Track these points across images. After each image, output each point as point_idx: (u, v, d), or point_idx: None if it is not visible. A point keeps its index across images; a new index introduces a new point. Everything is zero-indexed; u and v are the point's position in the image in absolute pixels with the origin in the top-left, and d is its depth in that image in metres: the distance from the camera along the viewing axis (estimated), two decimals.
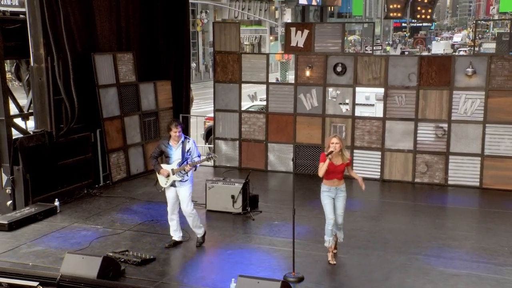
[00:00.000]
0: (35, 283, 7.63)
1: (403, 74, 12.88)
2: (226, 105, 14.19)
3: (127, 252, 8.73)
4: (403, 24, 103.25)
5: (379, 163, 13.20)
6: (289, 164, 13.90)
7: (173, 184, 8.98)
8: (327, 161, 8.15)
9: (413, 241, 9.35)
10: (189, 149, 8.94)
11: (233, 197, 10.75)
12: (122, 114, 13.16)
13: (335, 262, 8.43)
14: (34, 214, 10.38)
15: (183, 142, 8.95)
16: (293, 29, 13.70)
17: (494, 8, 70.05)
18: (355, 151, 13.27)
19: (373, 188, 12.74)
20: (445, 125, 12.68)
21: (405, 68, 12.85)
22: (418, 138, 12.89)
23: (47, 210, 10.65)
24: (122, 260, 8.41)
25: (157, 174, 9.06)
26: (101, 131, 12.67)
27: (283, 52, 39.16)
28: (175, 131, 8.83)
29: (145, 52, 14.11)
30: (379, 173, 13.23)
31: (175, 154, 8.92)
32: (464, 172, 12.63)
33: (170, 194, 9.06)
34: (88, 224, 10.23)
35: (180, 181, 8.94)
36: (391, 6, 13.57)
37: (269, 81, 14.06)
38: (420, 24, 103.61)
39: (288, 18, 41.94)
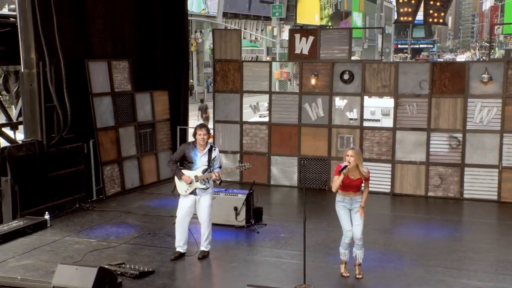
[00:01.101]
0: None
1: (414, 82, 12.74)
2: (227, 116, 14.00)
3: (123, 265, 8.44)
4: (402, 46, 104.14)
5: (389, 176, 12.99)
6: (293, 178, 13.67)
7: (193, 192, 8.76)
8: (341, 176, 7.89)
9: (430, 254, 9.11)
10: (215, 157, 8.78)
11: (236, 209, 10.49)
12: (117, 125, 12.96)
13: (348, 275, 8.14)
14: (22, 227, 10.08)
15: (209, 149, 8.76)
16: (297, 36, 13.59)
17: (498, 28, 70.76)
18: (364, 163, 12.95)
19: (384, 202, 12.51)
20: (459, 135, 12.51)
21: (416, 75, 12.72)
22: (431, 149, 12.70)
23: (37, 224, 10.36)
24: (119, 272, 8.13)
25: (177, 180, 8.81)
26: (94, 142, 12.44)
27: (281, 70, 39.17)
28: (200, 133, 8.64)
29: (141, 61, 13.96)
30: (389, 187, 13.01)
31: (201, 160, 8.71)
32: (480, 185, 12.42)
33: (187, 202, 8.80)
34: (81, 238, 9.94)
35: (203, 189, 8.72)
36: (401, 10, 13.52)
37: (272, 91, 13.90)
38: (421, 46, 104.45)
39: (287, 35, 42.05)
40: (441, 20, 13.02)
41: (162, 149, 14.25)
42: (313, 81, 13.39)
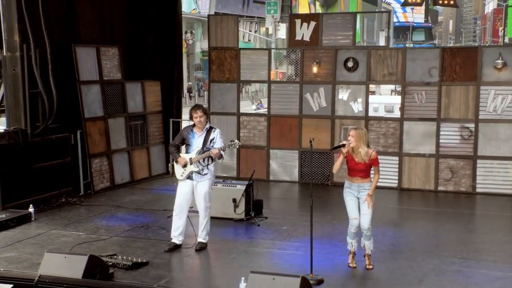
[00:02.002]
0: (8, 286, 7.07)
1: (423, 69, 12.61)
2: (223, 107, 13.81)
3: (115, 256, 8.21)
4: None
5: (397, 170, 12.83)
6: (294, 173, 13.48)
7: (190, 177, 8.58)
8: (341, 158, 7.73)
9: (444, 245, 8.96)
10: (213, 138, 8.59)
11: (234, 200, 10.27)
12: (106, 115, 12.75)
13: (355, 265, 7.95)
14: (5, 220, 9.81)
15: (208, 130, 8.60)
16: (298, 21, 13.46)
17: (502, 30, 71.25)
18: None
19: (391, 196, 12.33)
20: (471, 125, 12.37)
21: (425, 62, 12.59)
22: (441, 141, 12.56)
23: (21, 217, 10.10)
24: (110, 264, 7.88)
25: (175, 164, 8.71)
26: (82, 132, 12.23)
27: (277, 70, 39.03)
28: (196, 116, 8.48)
29: (131, 48, 13.77)
30: (396, 181, 12.85)
31: (197, 142, 8.56)
32: (494, 178, 12.28)
33: (184, 187, 8.62)
34: (68, 231, 9.70)
35: (199, 173, 8.56)
36: None
37: (271, 80, 13.75)
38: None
39: (282, 34, 41.87)
40: (451, 2, 12.89)
41: (154, 143, 14.04)
42: (315, 69, 13.25)
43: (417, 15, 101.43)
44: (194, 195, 8.68)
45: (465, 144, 12.43)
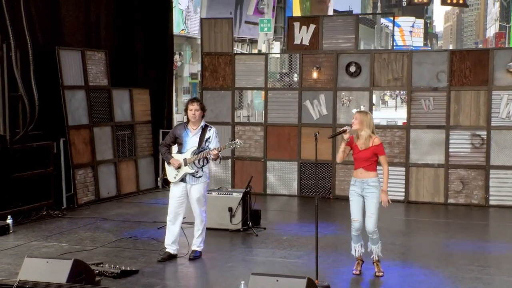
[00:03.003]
0: None
1: (430, 73, 12.52)
2: (216, 116, 13.62)
3: (102, 264, 7.92)
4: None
5: (403, 182, 12.66)
6: (292, 186, 13.27)
7: (183, 179, 8.34)
8: (342, 144, 7.52)
9: (459, 254, 8.75)
10: (209, 138, 8.36)
11: (230, 210, 10.03)
12: (91, 123, 12.54)
13: (358, 272, 7.74)
14: None
15: (203, 128, 8.36)
16: (296, 24, 13.35)
17: (504, 42, 72.10)
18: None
19: (397, 209, 12.09)
20: (483, 133, 12.24)
21: (433, 66, 12.50)
22: (450, 150, 12.41)
23: None
24: (97, 271, 7.60)
25: (166, 165, 8.47)
26: (65, 141, 12.00)
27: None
28: (191, 108, 8.25)
29: (119, 54, 13.63)
30: (403, 194, 12.65)
31: (191, 141, 8.33)
32: (508, 189, 12.12)
33: (176, 191, 8.38)
34: (50, 242, 9.42)
35: (193, 175, 8.31)
36: None
37: (268, 87, 13.60)
38: None
39: (277, 51, 42.01)
40: (461, 1, 12.82)
41: (143, 155, 13.83)
42: (315, 75, 13.13)
43: (416, 39, 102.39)
44: (189, 199, 8.44)
45: (477, 153, 12.28)
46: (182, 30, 57.44)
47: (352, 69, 12.90)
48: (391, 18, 66.17)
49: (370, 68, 12.82)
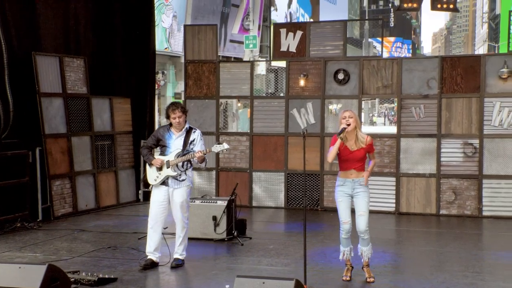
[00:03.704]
0: None
1: (420, 80, 12.48)
2: (200, 126, 13.43)
3: (78, 272, 7.71)
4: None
5: (394, 192, 12.56)
6: (279, 198, 13.12)
7: (165, 183, 8.18)
8: (338, 141, 7.35)
9: (453, 261, 8.64)
10: (193, 140, 8.24)
11: (215, 218, 9.84)
12: (69, 132, 12.35)
13: (348, 278, 7.57)
14: None
15: (187, 130, 8.24)
16: (283, 31, 13.30)
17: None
18: None
19: (388, 220, 11.98)
20: (475, 141, 12.18)
21: (423, 73, 12.46)
22: (442, 159, 12.34)
23: None
24: (73, 279, 7.39)
25: (148, 167, 8.32)
26: (41, 150, 11.78)
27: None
28: (174, 116, 8.10)
29: (99, 61, 13.50)
30: (393, 205, 12.54)
31: (175, 143, 8.19)
32: (502, 199, 12.04)
33: (158, 195, 8.21)
34: (24, 253, 9.18)
35: (176, 179, 8.15)
36: None
37: (253, 96, 13.51)
38: None
39: (262, 69, 41.94)
40: (451, 6, 12.80)
41: (123, 167, 13.63)
42: (302, 83, 13.05)
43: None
44: (171, 204, 8.26)
45: (469, 162, 12.20)
46: (166, 48, 57.44)
47: (341, 76, 12.83)
48: (379, 39, 66.64)
49: (359, 76, 12.76)
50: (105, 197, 13.10)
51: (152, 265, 8.16)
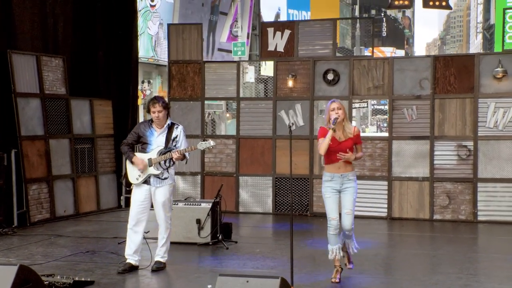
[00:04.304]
0: None
1: (413, 80, 12.41)
2: (185, 129, 13.26)
3: (53, 275, 7.52)
4: (380, 106, 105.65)
5: (386, 197, 12.45)
6: (267, 203, 12.98)
7: (147, 181, 8.02)
8: (330, 132, 7.27)
9: (447, 263, 8.52)
10: (176, 136, 8.10)
11: (199, 222, 9.68)
12: (47, 135, 12.16)
13: (337, 280, 7.42)
14: None
15: (169, 126, 8.10)
16: (270, 30, 13.23)
17: None
18: None
19: (379, 226, 11.85)
20: (470, 143, 12.10)
21: (416, 73, 12.40)
22: (435, 162, 12.24)
23: None
24: (47, 282, 7.19)
25: (128, 165, 8.14)
26: (17, 152, 11.57)
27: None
28: (154, 111, 7.95)
29: (79, 61, 13.35)
30: (385, 210, 12.42)
31: (157, 140, 8.05)
32: (498, 204, 11.93)
33: (139, 194, 8.05)
34: None
35: (158, 177, 8.00)
36: None
37: (240, 97, 13.41)
38: None
39: (251, 77, 41.87)
40: (443, 3, 12.75)
41: (104, 172, 13.45)
42: (290, 83, 12.96)
43: None
44: (153, 203, 8.10)
45: (463, 165, 12.12)
46: (151, 57, 57.41)
47: (330, 76, 12.74)
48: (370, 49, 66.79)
49: (349, 76, 12.67)
50: (84, 203, 12.91)
51: (131, 269, 7.97)
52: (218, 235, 9.66)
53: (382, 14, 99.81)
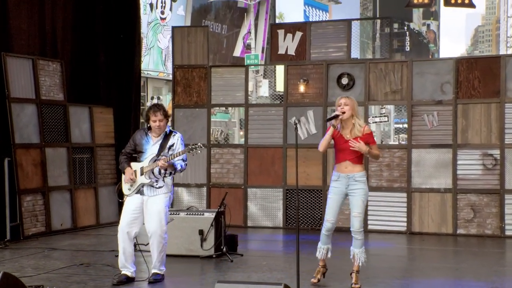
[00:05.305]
0: None
1: (434, 84, 12.26)
2: (190, 138, 13.15)
3: (42, 287, 7.39)
4: (399, 124, 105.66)
5: (405, 210, 12.25)
6: (277, 216, 12.80)
7: (140, 191, 7.87)
8: (331, 129, 7.34)
9: (473, 276, 8.37)
10: (173, 144, 7.92)
11: (201, 233, 9.50)
12: (43, 143, 12.07)
13: (316, 281, 7.56)
14: None
15: (166, 135, 7.94)
16: (281, 32, 13.15)
17: None
18: (370, 193, 12.07)
19: (398, 240, 11.68)
20: (496, 152, 11.90)
21: (436, 76, 12.25)
22: (458, 172, 12.04)
23: None
24: None
25: (123, 175, 8.04)
26: (10, 161, 11.47)
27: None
28: (155, 119, 7.82)
29: (78, 66, 13.31)
30: (404, 224, 12.22)
31: (152, 148, 7.91)
32: None
33: (131, 204, 7.91)
34: None
35: (151, 186, 7.85)
36: None
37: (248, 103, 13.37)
38: None
39: (265, 91, 41.90)
40: (466, 1, 12.61)
41: (104, 183, 13.32)
42: (302, 89, 12.85)
43: None
44: (145, 214, 7.91)
45: (489, 175, 11.91)
46: (161, 72, 57.61)
47: (344, 81, 12.61)
48: None
49: (365, 80, 12.55)
50: (83, 216, 12.77)
51: (127, 280, 7.81)
52: (222, 247, 9.46)
53: (405, 28, 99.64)
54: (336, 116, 7.27)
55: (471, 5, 12.85)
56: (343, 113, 7.28)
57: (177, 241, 9.52)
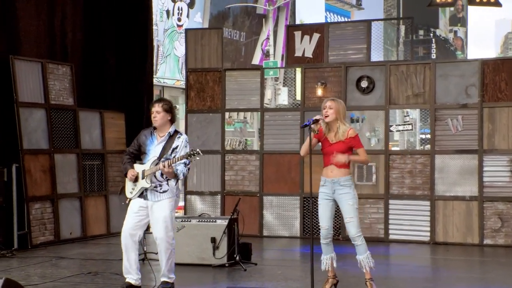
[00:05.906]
0: None
1: (458, 87, 12.17)
2: (203, 143, 13.15)
3: None
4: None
5: (428, 219, 12.13)
6: (294, 226, 12.70)
7: (143, 195, 7.75)
8: (311, 133, 7.46)
9: (500, 286, 8.26)
10: (177, 147, 7.75)
11: (214, 240, 9.41)
12: (52, 149, 12.09)
13: None
14: None
15: (171, 135, 7.80)
16: (297, 34, 13.08)
17: None
18: (391, 201, 12.23)
19: (420, 250, 11.53)
20: None
21: (461, 79, 12.16)
22: (484, 179, 11.92)
23: None
24: None
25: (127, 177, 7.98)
26: (18, 167, 11.49)
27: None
28: (153, 111, 7.72)
29: (89, 70, 13.36)
30: (428, 233, 12.09)
31: (155, 150, 7.78)
32: None
33: (135, 206, 7.83)
34: None
35: (155, 191, 7.72)
36: None
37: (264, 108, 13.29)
38: None
39: (284, 99, 41.90)
40: (492, 0, 12.51)
41: (115, 191, 13.26)
42: (319, 92, 12.77)
43: None
44: (150, 221, 7.81)
45: None
46: (177, 81, 57.68)
47: (364, 84, 12.55)
48: None
49: (385, 83, 12.47)
50: (93, 224, 12.75)
51: None
52: (235, 256, 9.37)
53: (431, 35, 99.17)
54: (316, 121, 7.36)
55: (497, 3, 12.74)
56: (327, 117, 7.37)
57: (188, 249, 9.47)
